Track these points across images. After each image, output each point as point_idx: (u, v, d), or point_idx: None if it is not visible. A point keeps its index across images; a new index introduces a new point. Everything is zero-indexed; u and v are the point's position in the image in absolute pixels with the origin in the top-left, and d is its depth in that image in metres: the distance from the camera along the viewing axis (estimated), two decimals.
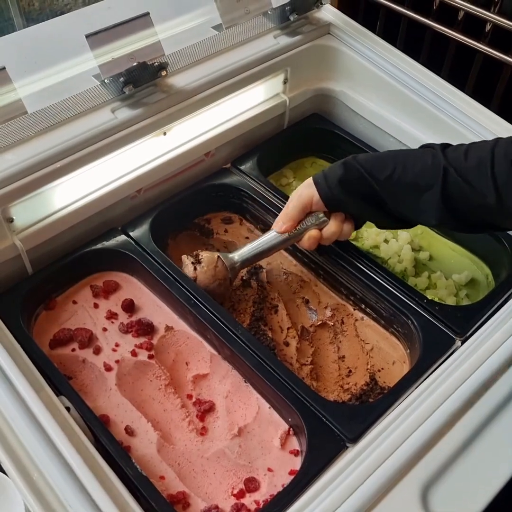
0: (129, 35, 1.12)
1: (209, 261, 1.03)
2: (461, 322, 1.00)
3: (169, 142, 1.15)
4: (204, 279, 1.03)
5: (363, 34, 1.28)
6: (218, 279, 1.04)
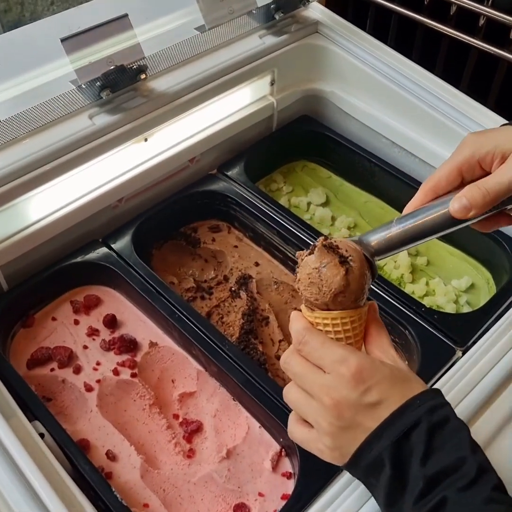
0: (107, 38, 1.07)
1: (359, 257, 0.62)
2: (462, 331, 0.95)
3: (151, 149, 1.09)
4: (357, 287, 0.61)
5: (352, 32, 1.23)
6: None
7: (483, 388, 0.83)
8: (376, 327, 0.64)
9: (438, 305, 1.07)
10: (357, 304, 0.62)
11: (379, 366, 0.59)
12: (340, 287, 0.59)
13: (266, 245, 1.14)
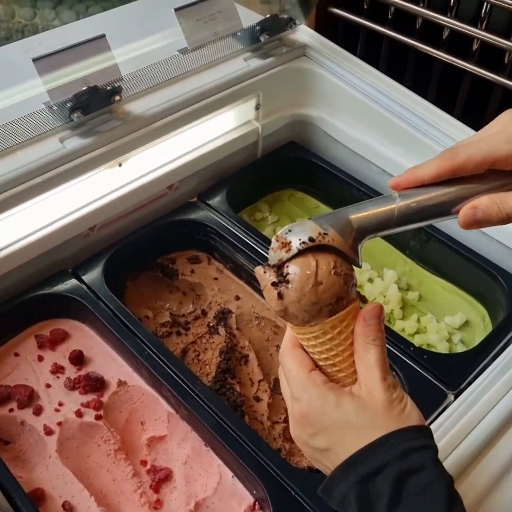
0: (83, 58, 1.02)
1: (304, 267, 0.52)
2: (454, 372, 0.88)
3: (125, 174, 1.03)
4: (307, 300, 0.53)
5: (342, 55, 1.18)
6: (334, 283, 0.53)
7: (478, 436, 0.77)
8: (362, 339, 0.54)
9: (430, 344, 1.00)
10: (326, 314, 0.53)
11: (329, 411, 0.53)
12: (279, 312, 0.54)
13: (248, 278, 1.07)
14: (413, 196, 0.54)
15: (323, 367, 0.56)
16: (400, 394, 0.54)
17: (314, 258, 0.52)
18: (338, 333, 0.54)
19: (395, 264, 1.12)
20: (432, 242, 1.08)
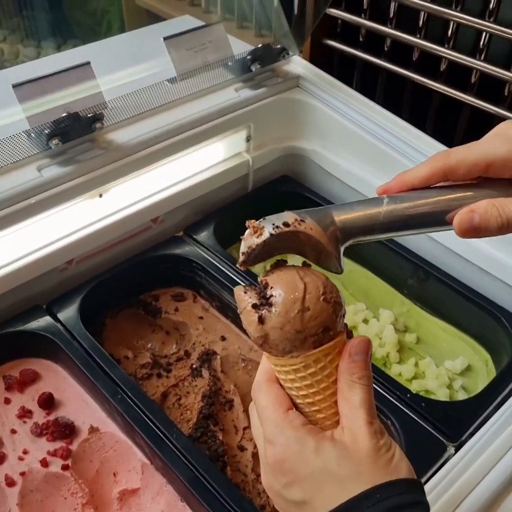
0: (66, 85, 0.98)
1: (290, 289, 0.46)
2: (454, 422, 0.81)
3: (107, 205, 0.98)
4: (291, 327, 0.46)
5: (337, 87, 1.14)
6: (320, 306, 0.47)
7: (481, 494, 0.70)
8: (346, 377, 0.47)
9: (429, 390, 0.93)
10: (310, 345, 0.46)
11: (307, 458, 0.46)
12: (257, 339, 0.47)
13: (234, 317, 1.01)
14: (403, 199, 0.48)
15: (300, 406, 0.50)
16: (387, 441, 0.47)
17: (302, 281, 0.46)
18: (321, 368, 0.47)
19: (391, 304, 1.06)
20: (431, 281, 1.02)
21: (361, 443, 0.46)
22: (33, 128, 0.90)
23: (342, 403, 0.48)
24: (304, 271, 0.48)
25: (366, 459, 0.45)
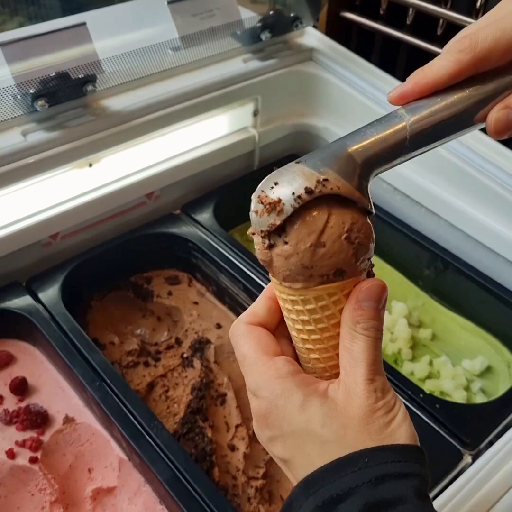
0: (59, 47, 0.90)
1: (309, 218, 0.39)
2: (472, 428, 0.72)
3: (97, 177, 0.90)
4: (297, 260, 0.39)
5: (353, 60, 1.05)
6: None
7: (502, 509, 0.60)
8: (349, 325, 0.40)
9: (444, 391, 0.84)
10: (315, 282, 0.39)
11: (290, 415, 0.40)
12: (262, 262, 0.41)
13: (232, 303, 0.92)
14: (425, 108, 0.39)
15: (293, 340, 0.44)
16: (389, 402, 0.39)
17: (327, 211, 0.38)
18: (322, 308, 0.40)
19: (405, 297, 0.96)
20: (449, 272, 0.93)
21: (354, 402, 0.39)
22: (17, 85, 0.82)
23: (342, 354, 0.41)
24: (336, 199, 0.39)
25: (356, 421, 0.39)
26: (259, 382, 0.41)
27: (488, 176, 0.90)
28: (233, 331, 0.45)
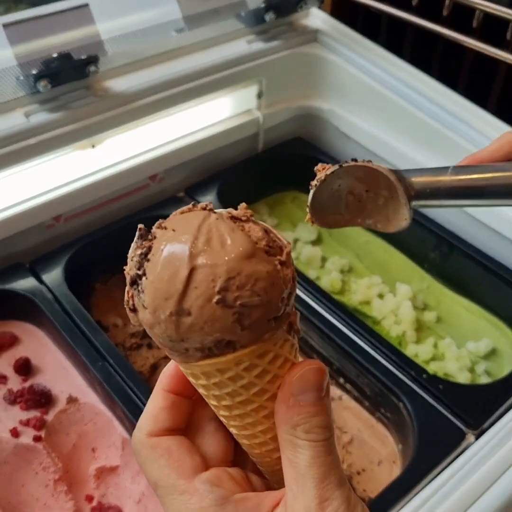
0: (61, 28, 0.90)
1: (164, 269, 0.29)
2: (475, 408, 0.72)
3: (100, 158, 0.90)
4: (162, 331, 0.30)
5: (359, 42, 1.04)
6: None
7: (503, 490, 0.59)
8: (287, 431, 0.31)
9: (447, 373, 0.83)
10: (197, 357, 0.31)
11: None
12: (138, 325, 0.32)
13: None
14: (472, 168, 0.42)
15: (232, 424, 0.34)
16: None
17: (190, 259, 0.29)
18: (216, 384, 0.32)
19: (410, 280, 0.96)
20: (455, 254, 0.92)
21: None
22: (20, 66, 0.82)
23: (286, 468, 0.32)
24: (208, 239, 0.29)
25: None
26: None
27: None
28: (135, 448, 0.34)
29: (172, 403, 0.34)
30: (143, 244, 0.31)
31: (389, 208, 0.40)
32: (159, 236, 0.30)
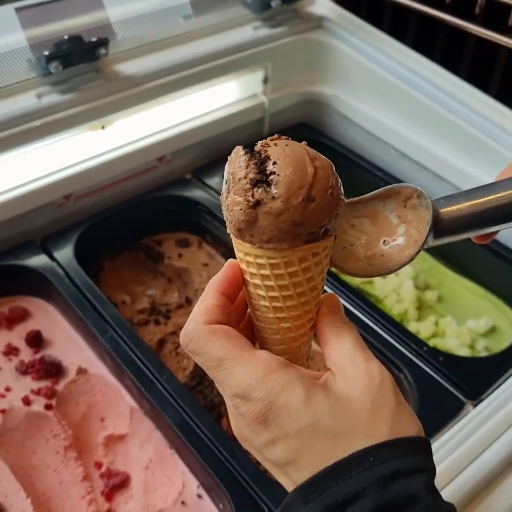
0: (72, 11, 0.92)
1: (297, 171, 0.37)
2: (474, 379, 0.73)
3: (109, 139, 0.92)
4: (289, 217, 0.38)
5: (363, 28, 1.05)
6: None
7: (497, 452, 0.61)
8: (330, 326, 0.40)
9: (448, 349, 0.85)
10: (301, 241, 0.38)
11: (296, 412, 0.36)
12: (239, 223, 0.38)
13: None
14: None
15: (262, 309, 0.40)
16: (392, 386, 0.38)
17: (312, 164, 0.37)
18: (305, 269, 0.39)
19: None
20: None
21: (357, 389, 0.37)
22: (32, 47, 0.84)
23: (331, 354, 0.39)
24: (313, 153, 0.38)
25: (369, 408, 0.37)
26: (250, 383, 0.37)
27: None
28: (192, 336, 0.39)
29: (223, 303, 0.40)
30: (254, 156, 0.37)
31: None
32: (275, 149, 0.37)
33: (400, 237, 0.41)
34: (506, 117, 0.93)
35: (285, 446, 0.36)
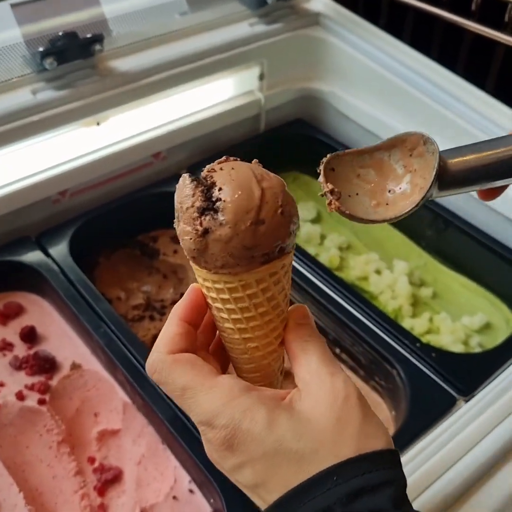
0: (67, 8, 0.92)
1: (243, 194, 0.38)
2: (466, 376, 0.73)
3: (105, 135, 0.92)
4: (239, 242, 0.38)
5: (360, 24, 1.05)
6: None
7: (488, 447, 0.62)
8: (297, 341, 0.41)
9: (442, 346, 0.85)
10: (256, 263, 0.38)
11: (259, 437, 0.37)
12: (191, 252, 0.38)
13: None
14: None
15: (227, 331, 0.41)
16: (357, 400, 0.38)
17: (259, 186, 0.37)
18: (264, 290, 0.39)
19: (408, 257, 0.98)
20: (450, 231, 0.94)
21: (322, 407, 0.37)
22: (27, 43, 0.84)
23: (298, 369, 0.40)
24: (261, 173, 0.38)
25: (335, 424, 0.37)
26: (214, 410, 0.37)
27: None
28: (156, 366, 0.40)
29: (185, 330, 0.41)
30: (200, 184, 0.38)
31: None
32: (221, 174, 0.38)
33: (405, 185, 0.41)
34: (503, 114, 0.93)
35: (252, 469, 0.37)
